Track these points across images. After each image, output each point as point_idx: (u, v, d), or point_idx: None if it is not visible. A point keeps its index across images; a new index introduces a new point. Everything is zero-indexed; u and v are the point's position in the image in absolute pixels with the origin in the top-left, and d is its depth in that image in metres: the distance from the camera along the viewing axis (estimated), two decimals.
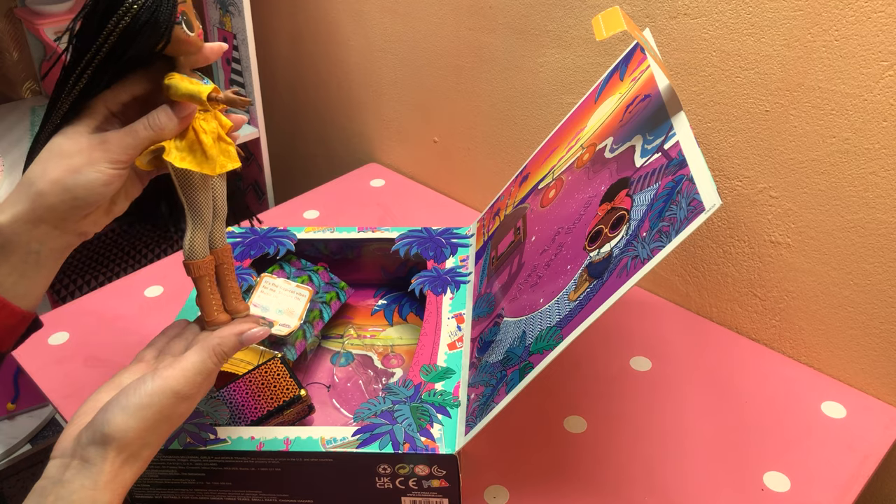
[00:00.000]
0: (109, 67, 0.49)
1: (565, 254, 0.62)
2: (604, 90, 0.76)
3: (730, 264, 0.82)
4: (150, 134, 0.51)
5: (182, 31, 0.49)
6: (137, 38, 0.48)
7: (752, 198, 0.77)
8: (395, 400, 0.64)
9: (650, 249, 0.51)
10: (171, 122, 0.51)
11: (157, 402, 0.50)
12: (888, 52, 0.63)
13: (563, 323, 0.55)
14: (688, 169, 0.53)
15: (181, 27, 0.49)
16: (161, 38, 0.48)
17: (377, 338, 0.83)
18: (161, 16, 0.47)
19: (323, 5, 1.19)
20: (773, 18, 0.69)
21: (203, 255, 0.56)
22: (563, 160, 0.74)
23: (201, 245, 0.55)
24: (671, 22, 0.76)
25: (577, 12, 0.85)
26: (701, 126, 0.78)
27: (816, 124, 0.70)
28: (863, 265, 0.72)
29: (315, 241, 0.86)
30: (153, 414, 0.50)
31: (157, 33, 0.48)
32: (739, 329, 0.84)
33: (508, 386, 0.57)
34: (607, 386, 0.77)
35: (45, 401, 1.32)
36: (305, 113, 1.37)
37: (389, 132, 1.20)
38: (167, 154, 0.52)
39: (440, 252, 0.83)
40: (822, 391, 0.76)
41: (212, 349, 0.54)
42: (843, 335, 0.76)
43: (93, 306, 0.89)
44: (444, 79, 1.05)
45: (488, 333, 0.67)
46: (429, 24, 1.03)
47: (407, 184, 1.17)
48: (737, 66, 0.73)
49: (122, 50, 0.48)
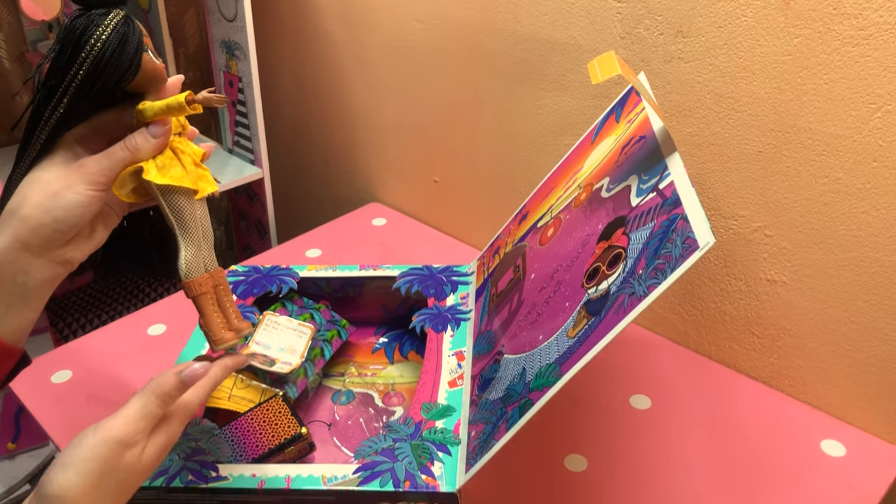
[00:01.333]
0: (81, 102, 0.50)
1: (564, 291, 0.63)
2: (600, 132, 0.77)
3: (727, 302, 0.83)
4: (126, 155, 0.51)
5: (150, 57, 0.51)
6: (108, 67, 0.49)
7: (748, 236, 0.78)
8: (396, 438, 0.65)
9: (647, 286, 0.52)
10: (146, 143, 0.52)
11: (100, 454, 0.47)
12: (876, 94, 0.65)
13: (562, 359, 0.56)
14: (682, 208, 0.54)
15: (149, 54, 0.51)
16: (131, 65, 0.49)
17: (378, 376, 0.83)
18: (129, 45, 0.49)
19: (327, 49, 1.22)
20: (765, 63, 0.71)
21: (200, 272, 0.55)
22: (562, 199, 0.75)
23: (196, 262, 0.55)
24: (665, 66, 0.78)
25: (574, 57, 0.87)
26: (696, 166, 0.80)
27: (809, 164, 0.71)
28: (858, 303, 0.72)
29: (317, 279, 0.87)
30: (97, 466, 0.47)
31: (128, 60, 0.49)
32: (738, 367, 0.85)
33: (509, 423, 0.57)
34: (608, 424, 0.77)
35: (46, 440, 1.32)
36: (309, 153, 1.39)
37: (391, 172, 1.22)
38: (146, 173, 0.52)
39: (441, 290, 0.84)
40: (821, 429, 0.76)
41: (152, 392, 0.51)
42: (842, 373, 0.76)
43: (96, 345, 0.90)
44: (444, 120, 1.08)
45: (489, 371, 0.67)
46: (430, 68, 1.05)
47: (408, 222, 1.19)
48: (730, 108, 0.75)
49: (94, 80, 0.49)
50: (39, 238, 0.50)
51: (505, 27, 0.92)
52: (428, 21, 1.02)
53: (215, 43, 1.23)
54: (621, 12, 0.80)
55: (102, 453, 0.48)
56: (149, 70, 0.51)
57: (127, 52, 0.49)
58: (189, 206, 0.54)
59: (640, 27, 0.79)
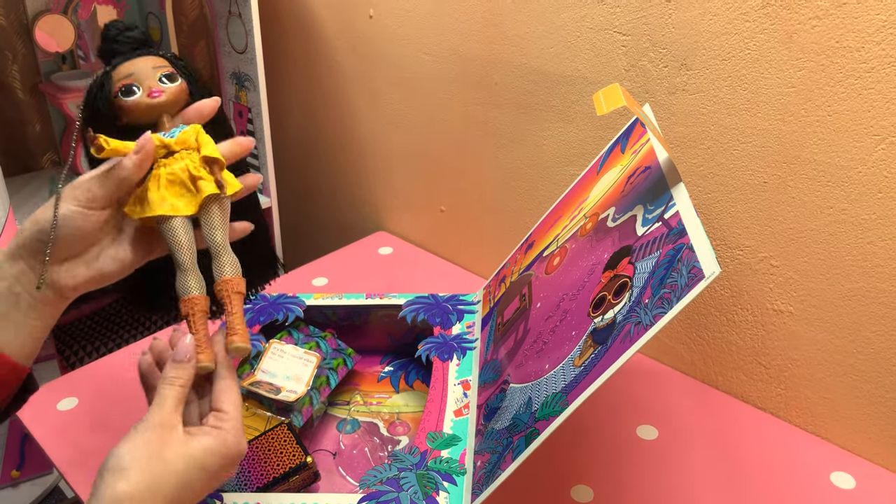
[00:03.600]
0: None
1: (570, 320, 0.63)
2: (605, 162, 0.78)
3: (734, 332, 0.82)
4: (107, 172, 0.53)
5: (122, 101, 0.55)
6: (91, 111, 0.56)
7: (754, 266, 0.78)
8: (401, 467, 0.64)
9: (653, 316, 0.52)
10: (128, 161, 0.53)
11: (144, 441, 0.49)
12: (879, 126, 0.65)
13: (568, 388, 0.56)
14: (688, 238, 0.54)
15: (120, 99, 0.55)
16: (100, 110, 0.56)
17: (383, 405, 0.83)
18: (99, 97, 0.56)
19: (335, 80, 1.24)
20: (768, 95, 0.72)
21: (184, 293, 0.55)
22: (567, 229, 0.76)
23: (182, 285, 0.55)
24: (670, 97, 0.79)
25: (580, 89, 0.88)
26: (701, 196, 0.80)
27: (814, 195, 0.72)
28: (866, 333, 0.72)
29: (323, 307, 0.88)
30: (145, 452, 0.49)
31: (99, 106, 0.56)
32: (745, 397, 0.84)
33: (514, 453, 0.57)
34: (615, 455, 0.76)
35: (51, 468, 1.31)
36: (316, 183, 1.40)
37: (398, 202, 1.23)
38: (126, 206, 0.55)
39: (447, 318, 0.85)
40: (830, 461, 0.76)
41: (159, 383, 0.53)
42: (850, 404, 0.76)
43: (102, 372, 0.90)
44: (451, 151, 1.09)
45: (494, 400, 0.67)
46: (437, 99, 1.07)
47: (414, 251, 1.19)
48: (735, 139, 0.76)
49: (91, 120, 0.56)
50: (28, 247, 0.52)
51: (511, 60, 0.94)
52: (435, 53, 1.04)
53: (225, 74, 1.25)
54: (626, 45, 0.81)
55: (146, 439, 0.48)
56: (132, 108, 0.56)
57: (97, 101, 0.56)
58: (169, 234, 0.55)
59: (645, 60, 0.80)
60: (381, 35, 1.11)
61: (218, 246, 0.56)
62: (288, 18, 1.27)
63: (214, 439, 0.50)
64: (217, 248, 0.56)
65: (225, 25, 1.19)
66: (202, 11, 1.38)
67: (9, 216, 1.06)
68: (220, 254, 0.56)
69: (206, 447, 0.50)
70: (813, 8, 0.66)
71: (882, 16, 0.63)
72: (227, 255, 0.56)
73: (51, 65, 1.27)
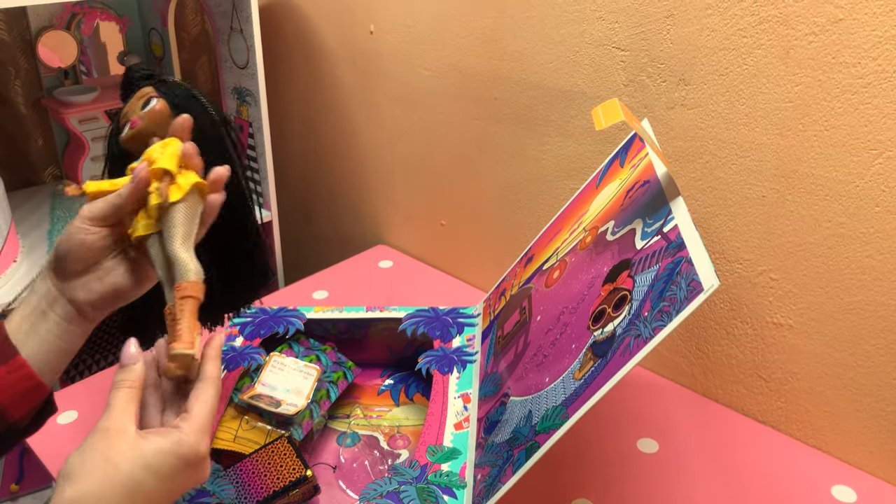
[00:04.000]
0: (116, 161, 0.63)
1: (570, 333, 0.63)
2: (605, 176, 0.79)
3: (734, 346, 0.83)
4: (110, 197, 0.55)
5: (120, 139, 0.60)
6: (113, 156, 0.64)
7: (753, 280, 0.79)
8: (402, 481, 0.64)
9: (652, 328, 0.52)
10: (124, 189, 0.55)
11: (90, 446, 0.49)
12: (876, 140, 0.66)
13: (568, 401, 0.56)
14: (686, 251, 0.54)
15: (122, 136, 0.59)
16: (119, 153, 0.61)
17: (383, 418, 0.83)
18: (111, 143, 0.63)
19: (336, 95, 1.25)
20: (766, 110, 0.72)
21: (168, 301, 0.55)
22: (567, 242, 0.76)
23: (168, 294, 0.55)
24: (668, 112, 0.80)
25: (578, 104, 0.89)
26: (700, 210, 0.81)
27: (812, 209, 0.72)
28: (865, 347, 0.72)
29: (324, 320, 0.88)
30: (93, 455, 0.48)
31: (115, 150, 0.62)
32: (745, 411, 0.84)
33: (515, 466, 0.57)
34: (615, 468, 0.76)
35: (50, 482, 1.31)
36: (317, 196, 1.41)
37: (398, 215, 1.24)
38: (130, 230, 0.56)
39: (447, 331, 0.85)
40: (831, 474, 0.76)
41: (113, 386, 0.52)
42: (850, 417, 0.76)
43: (102, 385, 0.90)
44: (451, 165, 1.09)
45: (495, 413, 0.67)
46: (437, 114, 1.07)
47: (414, 265, 1.19)
48: (733, 153, 0.76)
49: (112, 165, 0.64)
50: (49, 266, 0.55)
51: (511, 75, 0.95)
52: (435, 69, 1.04)
53: (227, 89, 1.25)
54: (625, 60, 0.82)
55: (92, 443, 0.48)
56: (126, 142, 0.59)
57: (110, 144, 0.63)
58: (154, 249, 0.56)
59: (644, 75, 0.81)
60: (381, 50, 1.12)
61: (174, 254, 0.55)
62: (289, 34, 1.28)
63: (166, 439, 0.48)
64: (173, 256, 0.55)
65: (227, 41, 1.19)
66: (204, 27, 1.39)
67: (10, 230, 1.06)
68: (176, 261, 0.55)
69: (157, 448, 0.48)
70: (809, 24, 0.67)
71: (878, 32, 0.63)
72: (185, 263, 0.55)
73: (53, 80, 1.27)
